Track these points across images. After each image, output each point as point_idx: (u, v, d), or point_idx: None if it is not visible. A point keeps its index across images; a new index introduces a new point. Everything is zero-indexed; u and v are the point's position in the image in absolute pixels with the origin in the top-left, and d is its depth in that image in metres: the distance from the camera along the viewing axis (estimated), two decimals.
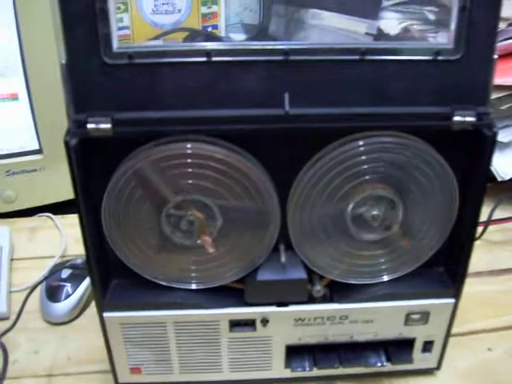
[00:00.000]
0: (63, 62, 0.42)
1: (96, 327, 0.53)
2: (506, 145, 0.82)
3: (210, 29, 1.07)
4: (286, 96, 0.43)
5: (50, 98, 0.75)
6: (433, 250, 0.51)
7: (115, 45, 0.42)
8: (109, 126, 0.42)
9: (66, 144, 0.42)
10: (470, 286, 0.54)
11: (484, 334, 0.64)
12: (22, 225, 0.82)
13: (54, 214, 0.83)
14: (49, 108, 0.77)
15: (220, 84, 0.43)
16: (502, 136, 0.81)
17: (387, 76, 0.44)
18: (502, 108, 0.78)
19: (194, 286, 0.51)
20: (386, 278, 0.52)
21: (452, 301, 0.53)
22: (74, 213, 0.47)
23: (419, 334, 0.55)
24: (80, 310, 0.66)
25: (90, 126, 0.42)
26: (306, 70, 0.43)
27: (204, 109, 0.43)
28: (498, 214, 0.77)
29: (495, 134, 0.44)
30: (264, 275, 0.50)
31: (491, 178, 0.82)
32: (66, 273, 0.67)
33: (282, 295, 0.51)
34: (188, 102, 0.43)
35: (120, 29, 0.92)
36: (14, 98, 0.77)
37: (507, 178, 0.81)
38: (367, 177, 0.46)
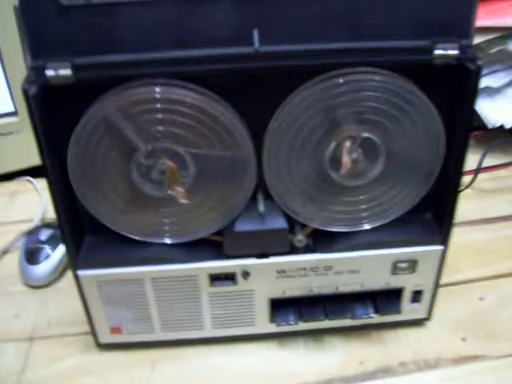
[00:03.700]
0: (16, 4, 0.39)
1: (76, 289, 0.51)
2: (495, 90, 0.79)
3: None
4: (256, 33, 0.40)
5: (22, 56, 0.73)
6: (418, 197, 0.49)
7: None
8: (69, 71, 0.40)
9: (25, 93, 0.40)
10: (462, 235, 0.52)
11: (475, 283, 0.63)
12: (0, 189, 0.80)
13: (34, 177, 0.81)
14: (22, 68, 0.74)
15: (185, 22, 0.40)
16: (492, 81, 0.78)
17: (362, 8, 0.41)
18: (491, 52, 0.75)
19: (168, 241, 0.49)
20: (369, 225, 0.50)
21: (440, 248, 0.52)
22: None
23: (407, 283, 0.54)
24: (60, 272, 0.65)
25: (49, 72, 0.40)
26: (275, 5, 0.40)
27: (170, 49, 0.41)
28: (488, 162, 0.75)
29: (479, 68, 0.42)
30: (242, 226, 0.48)
31: (481, 125, 0.80)
32: (44, 235, 0.65)
33: (263, 246, 0.49)
34: (152, 42, 0.41)
35: None
36: None
37: (498, 124, 0.79)
38: (346, 117, 0.44)
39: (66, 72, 0.40)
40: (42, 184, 0.79)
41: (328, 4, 0.40)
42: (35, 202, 0.77)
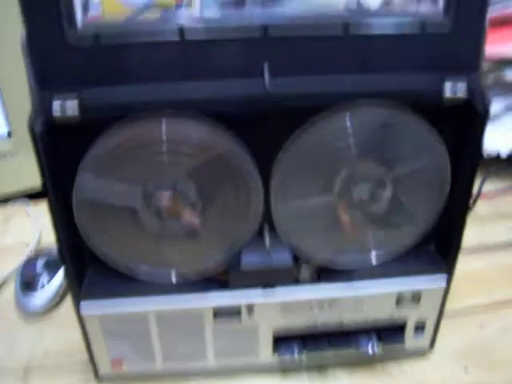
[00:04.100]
0: (23, 40, 0.39)
1: (73, 318, 0.50)
2: (492, 118, 0.80)
3: (184, 6, 1.04)
4: (266, 73, 0.40)
5: (18, 80, 0.72)
6: (424, 229, 0.49)
7: (80, 24, 0.38)
8: (76, 110, 0.39)
9: (31, 130, 0.39)
10: (461, 263, 0.52)
11: (476, 311, 0.63)
12: None
13: (28, 201, 0.80)
14: (17, 91, 0.73)
15: (194, 62, 0.40)
16: None
17: (372, 51, 0.41)
18: (488, 81, 0.76)
19: (174, 276, 0.48)
20: (376, 260, 0.50)
21: (444, 280, 0.51)
22: None
23: (411, 315, 0.53)
24: (56, 301, 0.64)
25: (55, 110, 0.39)
26: (285, 46, 0.40)
27: (177, 87, 0.40)
28: (485, 188, 0.75)
29: (488, 106, 0.42)
30: (248, 261, 0.47)
31: None
32: (40, 263, 0.65)
33: (268, 281, 0.49)
34: (160, 80, 0.40)
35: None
36: None
37: (494, 150, 0.79)
38: (353, 151, 0.43)
39: (72, 110, 0.39)
40: (36, 208, 0.78)
41: (338, 46, 0.40)
42: (30, 225, 0.76)
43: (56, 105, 0.39)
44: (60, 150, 0.42)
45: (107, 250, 0.46)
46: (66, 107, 0.39)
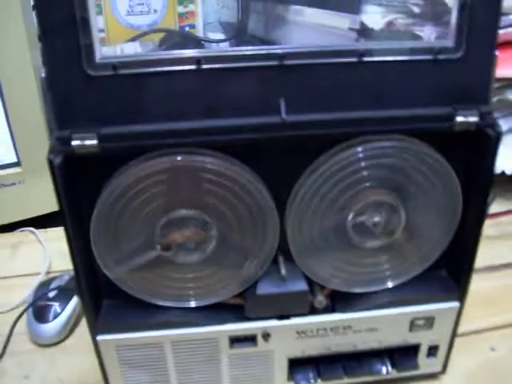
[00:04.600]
0: (43, 75, 0.39)
1: (87, 347, 0.51)
2: None
3: (187, 28, 1.05)
4: (282, 103, 0.41)
5: (26, 109, 0.73)
6: (437, 254, 0.49)
7: (98, 55, 0.39)
8: (95, 142, 0.40)
9: (50, 163, 0.40)
10: (470, 284, 0.53)
11: (486, 334, 0.63)
12: (2, 241, 0.79)
13: (36, 227, 0.80)
14: (25, 120, 0.74)
15: (211, 92, 0.41)
16: None
17: (386, 77, 0.42)
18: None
19: (192, 304, 0.49)
20: (390, 285, 0.50)
21: (457, 304, 0.52)
22: (56, 226, 0.45)
23: (424, 339, 0.54)
24: (69, 329, 0.64)
25: (74, 143, 0.40)
26: (301, 74, 0.41)
27: (195, 119, 0.41)
28: (492, 209, 0.76)
29: (499, 134, 0.43)
30: (264, 289, 0.48)
31: None
32: (52, 290, 0.65)
33: (283, 308, 0.49)
34: (178, 112, 0.41)
35: None
36: None
37: (498, 171, 0.80)
38: (367, 183, 0.44)
39: (91, 142, 0.40)
40: (45, 235, 0.78)
41: (353, 73, 0.41)
42: (38, 253, 0.76)
43: (76, 137, 0.40)
44: (77, 184, 0.43)
45: (126, 283, 0.47)
46: (86, 139, 0.40)
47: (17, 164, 0.78)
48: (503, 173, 0.80)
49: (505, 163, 0.80)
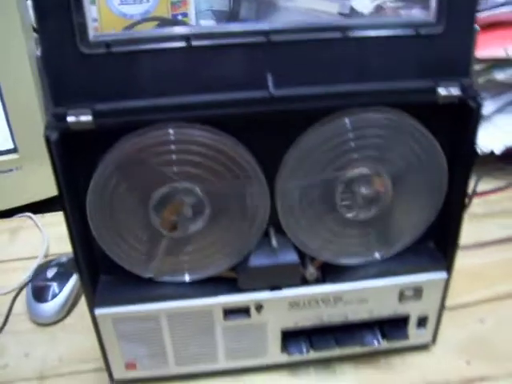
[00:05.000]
0: (38, 54, 0.41)
1: (86, 325, 0.52)
2: (484, 118, 0.82)
3: (179, 17, 1.06)
4: (270, 78, 0.42)
5: (23, 95, 0.74)
6: (424, 226, 0.51)
7: (91, 34, 0.40)
8: (90, 118, 0.41)
9: (47, 139, 0.41)
10: (459, 260, 0.54)
11: (475, 307, 0.65)
12: (1, 226, 0.81)
13: (34, 213, 0.82)
14: (22, 105, 0.75)
15: (201, 69, 0.42)
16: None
17: (370, 52, 0.43)
18: (479, 81, 0.78)
19: (186, 278, 0.50)
20: (378, 257, 0.52)
21: (444, 275, 0.53)
22: (53, 211, 0.46)
23: (413, 310, 0.55)
24: (68, 308, 0.65)
25: (70, 119, 0.41)
26: (287, 50, 0.42)
27: (186, 94, 0.42)
28: (480, 187, 0.77)
29: (480, 105, 0.44)
30: (256, 261, 0.49)
31: None
32: (51, 272, 0.66)
33: (275, 280, 0.51)
34: (169, 88, 0.42)
35: None
36: None
37: (487, 150, 0.81)
38: (355, 154, 0.46)
39: (86, 118, 0.41)
40: (43, 220, 0.80)
41: (337, 48, 0.43)
42: (37, 238, 0.77)
43: (71, 114, 0.41)
44: (73, 160, 0.44)
45: (122, 257, 0.48)
46: (81, 115, 0.41)
47: (14, 150, 0.79)
48: (492, 152, 0.82)
49: (493, 143, 0.81)
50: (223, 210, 0.47)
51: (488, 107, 0.81)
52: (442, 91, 0.44)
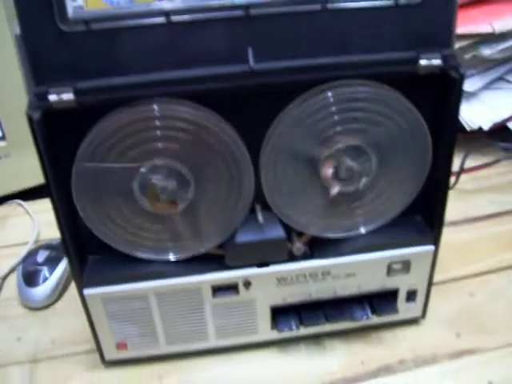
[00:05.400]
0: (17, 33, 0.40)
1: (77, 309, 0.52)
2: (471, 94, 0.83)
3: None
4: (250, 51, 0.42)
5: (10, 82, 0.73)
6: (410, 199, 0.51)
7: (70, 11, 0.40)
8: (71, 96, 0.41)
9: (29, 118, 0.41)
10: (448, 235, 0.54)
11: (465, 281, 0.65)
12: None
13: (23, 200, 0.82)
14: (9, 93, 0.75)
15: (181, 44, 0.42)
16: (468, 86, 0.81)
17: (350, 24, 0.43)
18: (465, 57, 0.78)
19: (172, 257, 0.50)
20: (364, 230, 0.52)
21: (432, 247, 0.54)
22: (43, 198, 0.46)
23: (402, 283, 0.56)
24: (59, 292, 0.65)
25: (51, 97, 0.41)
26: (267, 23, 0.42)
27: (167, 70, 0.42)
28: (468, 163, 0.78)
29: (462, 76, 0.44)
30: (243, 237, 0.49)
31: (460, 128, 0.82)
32: (41, 256, 0.66)
33: (263, 256, 0.51)
34: (150, 64, 0.42)
35: None
36: None
37: (475, 127, 0.82)
38: (337, 128, 0.46)
39: (68, 97, 0.41)
40: (33, 207, 0.80)
41: (317, 21, 0.42)
42: (27, 225, 0.77)
43: (52, 92, 0.41)
44: (57, 140, 0.44)
45: (108, 235, 0.48)
46: (62, 93, 0.41)
47: (2, 138, 0.79)
48: (480, 129, 0.82)
49: (481, 119, 0.81)
50: (208, 186, 0.47)
51: (475, 84, 0.81)
52: (423, 62, 0.44)
